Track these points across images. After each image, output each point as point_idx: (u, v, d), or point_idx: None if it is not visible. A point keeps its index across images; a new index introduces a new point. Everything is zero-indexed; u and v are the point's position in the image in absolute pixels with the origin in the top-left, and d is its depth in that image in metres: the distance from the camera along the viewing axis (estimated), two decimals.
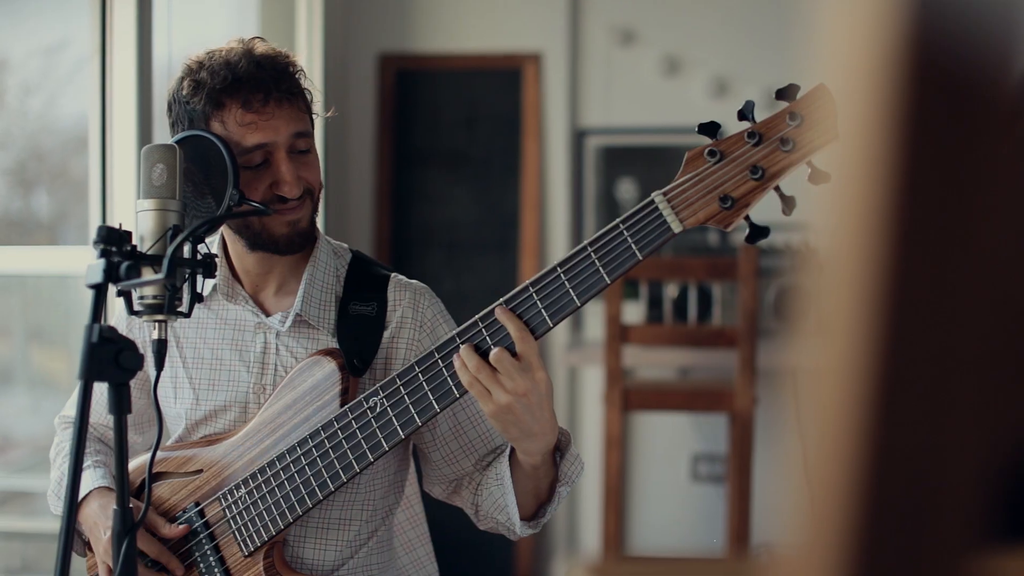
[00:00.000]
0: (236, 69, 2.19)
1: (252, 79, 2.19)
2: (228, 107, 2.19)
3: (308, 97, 2.32)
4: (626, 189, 5.74)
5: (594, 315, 5.60)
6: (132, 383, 1.99)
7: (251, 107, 2.19)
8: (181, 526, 2.32)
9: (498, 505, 2.31)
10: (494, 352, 2.05)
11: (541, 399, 2.08)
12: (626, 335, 4.62)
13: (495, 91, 5.84)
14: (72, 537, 1.83)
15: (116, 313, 2.49)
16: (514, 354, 2.06)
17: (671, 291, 5.08)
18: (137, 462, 2.44)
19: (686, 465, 5.76)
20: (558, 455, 2.26)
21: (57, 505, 2.52)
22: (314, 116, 2.36)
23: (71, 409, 2.60)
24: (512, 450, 2.23)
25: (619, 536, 4.84)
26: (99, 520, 2.32)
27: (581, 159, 5.80)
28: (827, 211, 0.64)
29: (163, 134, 3.80)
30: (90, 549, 2.42)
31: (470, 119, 5.86)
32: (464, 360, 2.08)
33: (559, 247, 5.74)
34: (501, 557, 5.68)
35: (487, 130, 5.84)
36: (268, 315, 2.38)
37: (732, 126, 1.97)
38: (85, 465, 2.43)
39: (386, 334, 2.33)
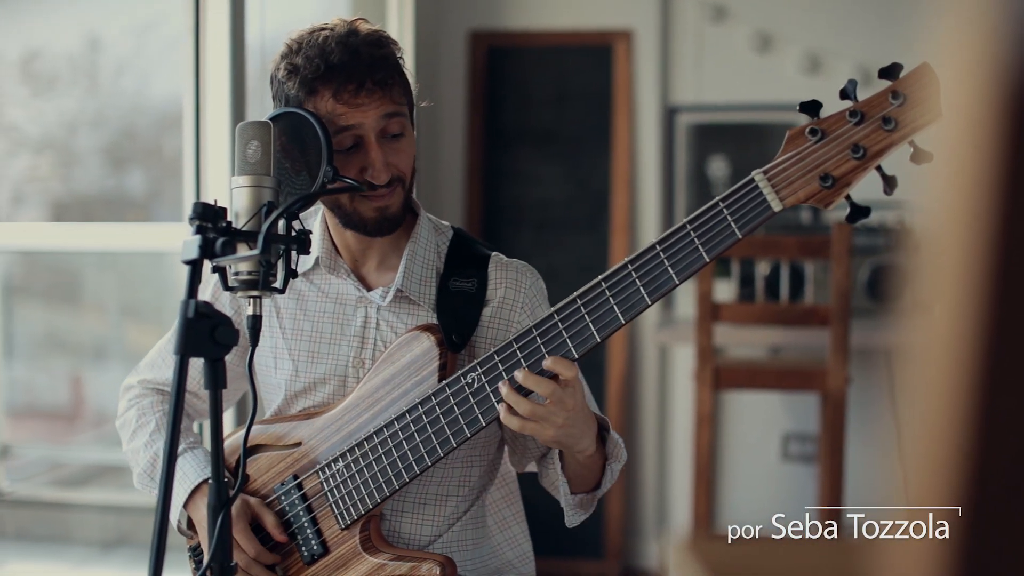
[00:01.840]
0: (329, 58, 2.18)
1: (345, 68, 2.18)
2: (320, 94, 2.20)
3: (406, 83, 2.31)
4: (717, 167, 5.71)
5: (685, 293, 5.58)
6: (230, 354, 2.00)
7: (341, 97, 2.19)
8: (283, 536, 2.35)
9: (555, 487, 2.37)
10: (545, 388, 2.08)
11: (583, 405, 2.12)
12: (717, 313, 4.60)
13: (586, 68, 5.82)
14: (168, 514, 1.85)
15: (210, 288, 2.50)
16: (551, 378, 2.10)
17: (763, 269, 5.04)
18: (233, 438, 2.46)
19: (776, 444, 5.73)
20: (603, 433, 2.27)
21: (148, 486, 2.54)
22: (414, 104, 2.36)
23: (147, 372, 2.61)
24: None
25: (709, 514, 4.83)
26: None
27: (672, 136, 5.77)
28: (933, 194, 0.63)
29: (256, 111, 3.84)
30: (192, 529, 2.45)
31: (561, 96, 5.85)
32: (513, 404, 2.10)
33: (650, 225, 5.72)
34: (591, 534, 5.68)
35: (578, 107, 5.83)
36: (369, 289, 2.40)
37: (827, 103, 1.96)
38: (179, 449, 2.45)
39: (486, 311, 2.34)
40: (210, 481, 1.97)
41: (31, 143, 6.44)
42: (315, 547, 2.33)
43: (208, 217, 1.94)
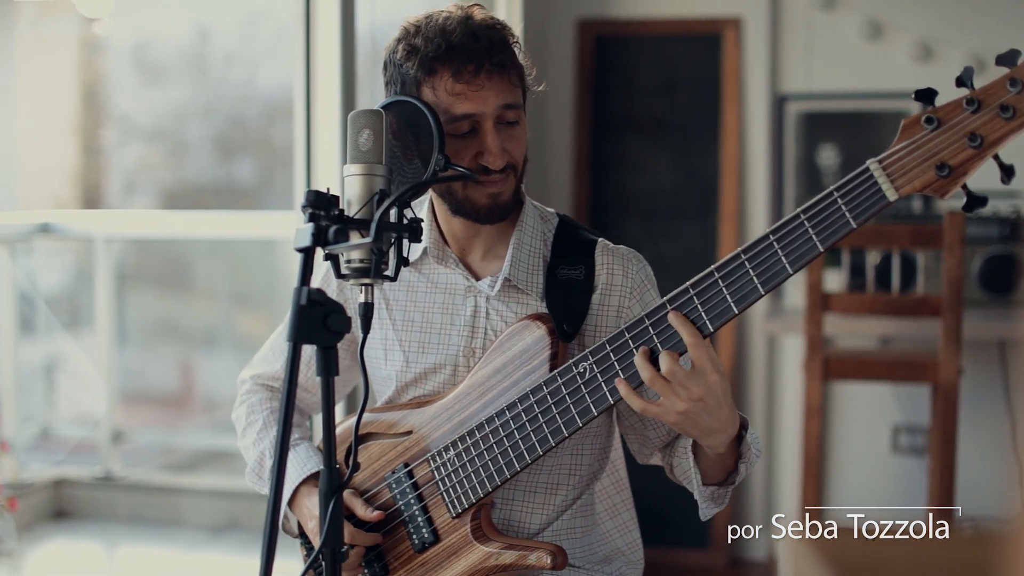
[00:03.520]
0: (450, 38, 2.20)
1: (465, 49, 2.19)
2: (439, 75, 2.21)
3: (521, 69, 2.32)
4: (827, 155, 5.66)
5: (795, 283, 5.52)
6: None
7: (462, 77, 2.20)
8: (375, 512, 2.35)
9: (687, 477, 2.34)
10: (665, 365, 2.04)
11: (718, 400, 2.07)
12: (827, 303, 4.55)
13: (694, 56, 5.80)
14: (280, 500, 1.86)
15: (318, 279, 2.52)
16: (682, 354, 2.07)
17: (873, 259, 4.98)
18: (344, 425, 2.48)
19: (886, 436, 5.67)
20: (743, 431, 2.23)
21: (257, 484, 2.58)
22: (528, 90, 2.36)
23: (259, 367, 2.64)
24: None
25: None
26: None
27: (781, 125, 5.73)
28: None
29: (366, 99, 3.86)
30: (299, 529, 2.47)
31: (669, 85, 5.82)
32: (638, 367, 2.08)
33: (759, 214, 5.68)
34: (697, 525, 5.66)
35: (686, 96, 5.80)
36: (477, 279, 2.40)
37: (940, 92, 1.93)
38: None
39: (594, 298, 2.33)
40: (322, 468, 1.98)
41: (142, 133, 6.54)
42: (426, 535, 2.34)
43: (321, 205, 1.95)
